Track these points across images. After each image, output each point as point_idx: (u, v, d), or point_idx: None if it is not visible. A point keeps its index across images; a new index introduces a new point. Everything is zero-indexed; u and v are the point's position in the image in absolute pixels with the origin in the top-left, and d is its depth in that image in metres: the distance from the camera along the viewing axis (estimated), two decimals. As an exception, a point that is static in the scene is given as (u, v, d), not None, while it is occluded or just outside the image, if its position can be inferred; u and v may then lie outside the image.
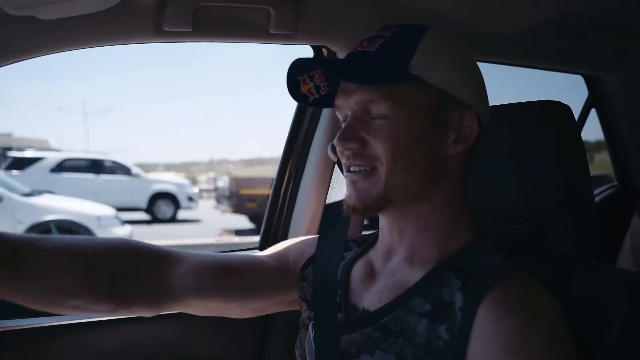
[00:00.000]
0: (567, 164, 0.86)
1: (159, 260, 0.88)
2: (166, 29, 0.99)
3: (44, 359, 1.15)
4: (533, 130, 0.89)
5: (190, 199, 11.58)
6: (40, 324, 1.13)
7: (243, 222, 10.68)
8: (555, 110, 0.89)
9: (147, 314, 0.88)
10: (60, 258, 0.80)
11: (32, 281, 0.78)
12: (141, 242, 0.89)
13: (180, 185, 11.70)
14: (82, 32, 0.96)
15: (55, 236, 0.82)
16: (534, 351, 0.62)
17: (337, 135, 0.76)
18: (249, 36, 1.10)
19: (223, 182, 11.69)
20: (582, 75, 1.84)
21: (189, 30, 1.01)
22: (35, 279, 0.78)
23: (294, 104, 1.41)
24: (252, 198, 10.13)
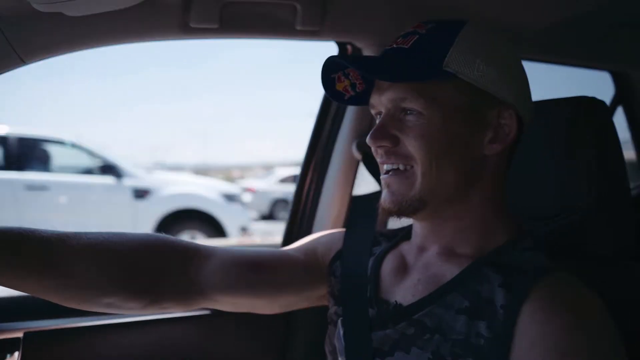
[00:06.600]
0: (605, 162, 0.84)
1: (189, 256, 0.87)
2: (193, 25, 0.98)
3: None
4: (569, 127, 0.86)
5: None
6: (67, 325, 1.13)
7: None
8: (592, 106, 0.86)
9: (177, 310, 0.87)
10: (93, 255, 0.80)
11: (66, 278, 0.78)
12: (170, 237, 0.88)
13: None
14: (109, 29, 0.95)
15: (87, 232, 0.82)
16: (584, 352, 0.61)
17: (370, 133, 0.75)
18: (275, 32, 1.09)
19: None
20: (610, 72, 1.81)
21: (216, 26, 1.00)
22: (69, 276, 0.78)
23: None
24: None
